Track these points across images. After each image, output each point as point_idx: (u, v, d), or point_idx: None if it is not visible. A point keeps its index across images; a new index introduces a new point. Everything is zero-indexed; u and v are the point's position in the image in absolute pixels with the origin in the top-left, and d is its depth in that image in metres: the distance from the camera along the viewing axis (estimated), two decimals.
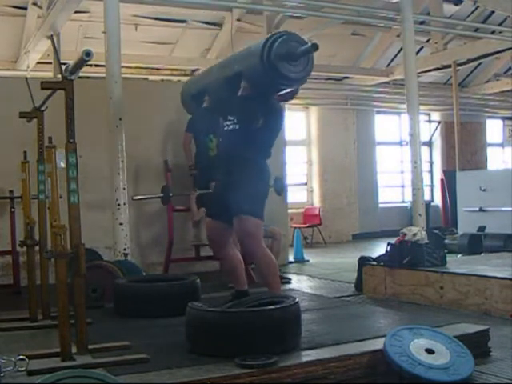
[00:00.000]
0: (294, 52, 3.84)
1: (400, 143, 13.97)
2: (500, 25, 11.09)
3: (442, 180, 13.65)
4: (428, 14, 10.48)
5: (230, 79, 4.20)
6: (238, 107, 4.10)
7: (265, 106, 4.05)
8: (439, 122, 14.46)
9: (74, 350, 3.01)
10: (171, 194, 6.98)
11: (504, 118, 15.48)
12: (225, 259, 4.37)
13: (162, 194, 7.04)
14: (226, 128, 4.24)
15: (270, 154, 4.24)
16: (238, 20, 10.21)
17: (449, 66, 12.31)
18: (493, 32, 10.46)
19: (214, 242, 4.32)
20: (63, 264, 2.96)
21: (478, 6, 11.17)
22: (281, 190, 7.82)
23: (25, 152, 4.39)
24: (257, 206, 4.06)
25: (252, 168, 4.08)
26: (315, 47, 3.76)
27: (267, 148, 4.21)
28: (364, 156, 13.18)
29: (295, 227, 10.60)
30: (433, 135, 14.58)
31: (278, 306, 3.16)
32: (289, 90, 4.19)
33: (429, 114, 14.42)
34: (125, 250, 5.77)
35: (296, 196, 12.32)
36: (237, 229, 4.04)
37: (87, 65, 3.05)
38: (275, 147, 8.47)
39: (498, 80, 14.15)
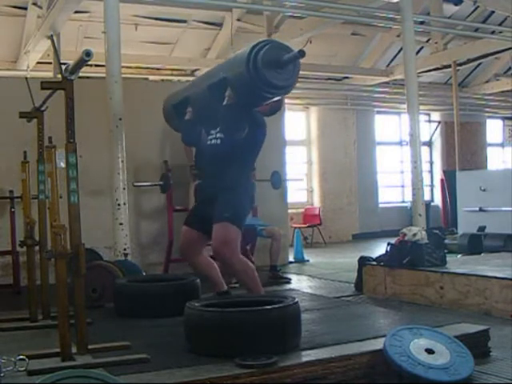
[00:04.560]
0: (281, 59, 3.77)
1: (400, 143, 13.97)
2: (500, 25, 11.10)
3: (441, 180, 13.65)
4: (428, 14, 10.48)
5: (214, 86, 4.14)
6: (222, 116, 4.04)
7: (250, 117, 4.02)
8: (439, 122, 14.46)
9: (74, 349, 3.01)
10: (171, 182, 6.96)
11: (504, 118, 15.48)
12: (197, 267, 4.33)
13: (161, 182, 7.03)
14: (208, 142, 4.24)
15: (253, 167, 4.24)
16: (238, 20, 10.21)
17: (449, 66, 12.31)
18: (493, 32, 10.46)
19: (187, 250, 4.26)
20: (63, 264, 2.96)
21: (478, 6, 11.19)
22: (278, 183, 7.80)
23: (25, 152, 4.38)
24: (240, 215, 4.05)
25: (237, 185, 4.08)
26: (302, 54, 3.71)
27: (251, 163, 4.24)
28: (364, 156, 13.18)
29: (295, 227, 10.60)
30: (433, 135, 14.58)
31: (278, 306, 3.16)
32: (275, 99, 4.10)
33: (429, 114, 14.42)
34: (125, 249, 5.77)
35: (296, 196, 12.32)
36: (215, 234, 3.97)
37: (87, 65, 3.05)
38: (275, 147, 8.50)
39: (497, 80, 14.15)
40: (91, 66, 8.61)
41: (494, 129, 15.48)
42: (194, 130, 4.50)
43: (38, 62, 9.67)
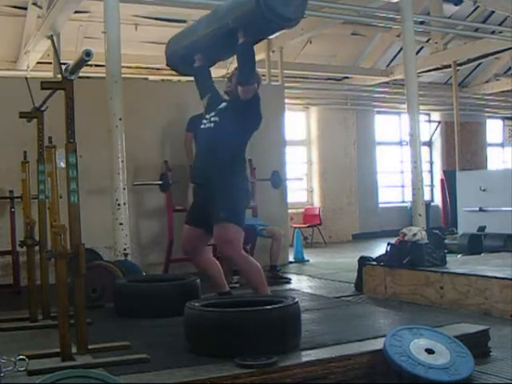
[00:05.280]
0: None
1: (400, 143, 13.97)
2: (500, 25, 11.10)
3: (441, 180, 13.65)
4: (428, 14, 10.48)
5: (226, 35, 4.14)
6: (239, 55, 4.08)
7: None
8: (439, 122, 14.46)
9: (74, 350, 3.01)
10: (170, 182, 6.96)
11: (504, 118, 15.48)
12: (201, 266, 4.34)
13: (160, 182, 7.03)
14: (202, 126, 4.25)
15: (245, 155, 4.24)
16: None
17: (449, 66, 12.31)
18: (493, 32, 10.46)
19: (190, 249, 4.27)
20: (63, 264, 2.96)
21: (478, 6, 11.18)
22: (278, 183, 7.81)
23: (25, 152, 4.39)
24: (237, 212, 4.06)
25: (232, 172, 4.08)
26: None
27: (244, 146, 4.22)
28: (364, 156, 13.18)
29: (295, 227, 10.60)
30: (433, 135, 14.58)
31: (278, 306, 3.16)
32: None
33: (429, 114, 14.42)
34: (125, 249, 5.78)
35: (296, 196, 12.32)
36: (216, 236, 4.02)
37: (87, 65, 3.05)
38: (275, 147, 8.49)
39: (497, 80, 14.15)
40: (91, 65, 8.61)
41: (494, 129, 15.47)
42: (206, 75, 4.55)
43: (38, 62, 9.66)
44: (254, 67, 4.09)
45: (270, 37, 4.31)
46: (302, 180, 12.69)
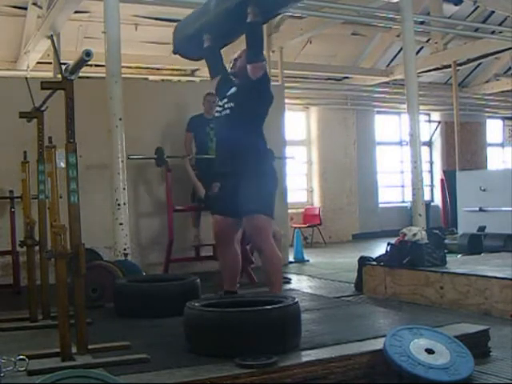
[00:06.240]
0: None
1: (400, 143, 13.98)
2: (500, 25, 11.11)
3: (442, 180, 13.65)
4: (428, 14, 10.49)
5: (234, 10, 4.15)
6: (248, 34, 4.09)
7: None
8: (439, 122, 14.47)
9: (74, 349, 3.00)
10: (166, 156, 6.96)
11: (504, 118, 15.49)
12: (227, 257, 4.38)
13: (155, 156, 7.02)
14: (218, 114, 4.25)
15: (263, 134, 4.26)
16: None
17: (449, 66, 12.32)
18: (493, 32, 10.48)
19: (222, 238, 4.35)
20: (63, 264, 2.96)
21: (478, 6, 11.19)
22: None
23: (25, 152, 4.39)
24: (266, 203, 4.09)
25: (258, 154, 4.11)
26: None
27: (262, 124, 4.24)
28: (364, 156, 13.18)
29: (295, 227, 10.60)
30: (433, 135, 14.59)
31: (278, 306, 3.16)
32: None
33: (429, 114, 14.42)
34: (125, 249, 5.77)
35: (296, 196, 12.32)
36: (247, 226, 4.12)
37: (87, 65, 3.05)
38: (275, 147, 8.49)
39: (497, 80, 14.16)
40: (91, 65, 8.61)
41: (494, 129, 15.49)
42: (217, 56, 4.55)
43: (38, 62, 9.67)
44: (262, 45, 4.13)
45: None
46: (294, 158, 11.58)
